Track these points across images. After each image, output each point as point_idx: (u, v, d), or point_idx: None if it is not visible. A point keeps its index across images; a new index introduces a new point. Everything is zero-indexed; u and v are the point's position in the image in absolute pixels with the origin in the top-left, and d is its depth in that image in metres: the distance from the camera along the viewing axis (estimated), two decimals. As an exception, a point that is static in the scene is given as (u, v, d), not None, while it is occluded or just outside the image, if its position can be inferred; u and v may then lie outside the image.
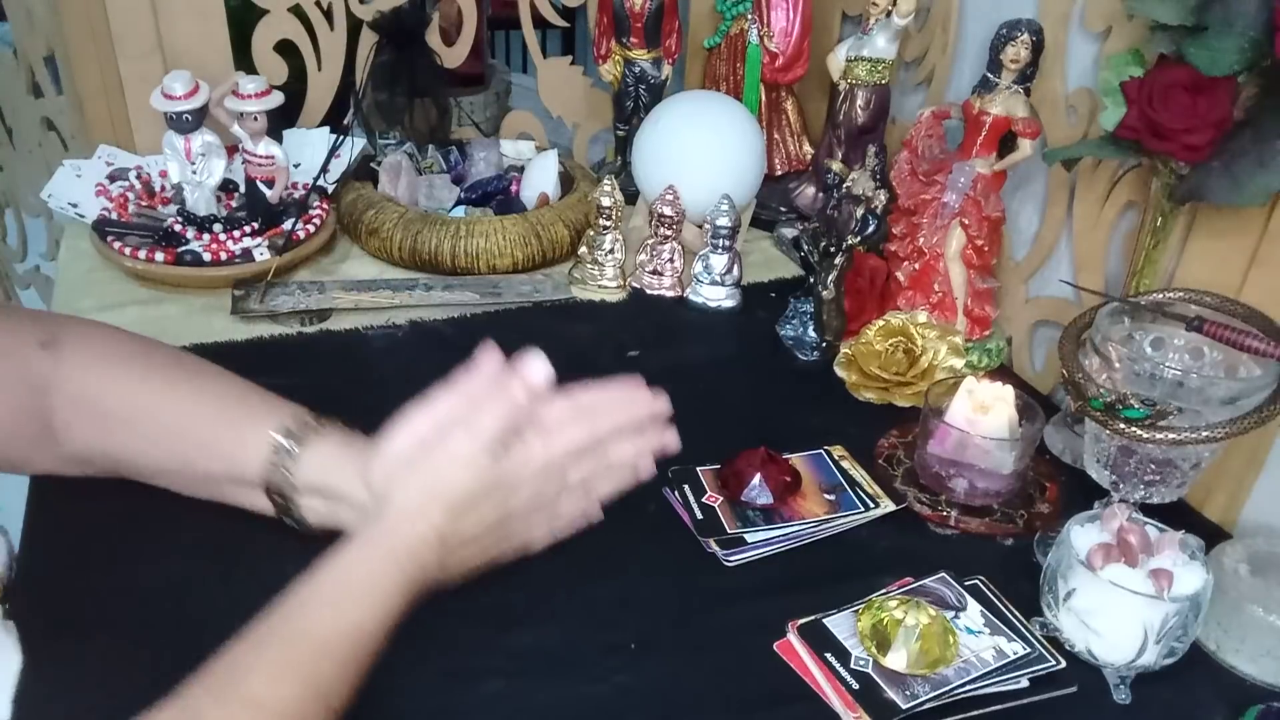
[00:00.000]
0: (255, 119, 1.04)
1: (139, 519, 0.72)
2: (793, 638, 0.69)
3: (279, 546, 0.71)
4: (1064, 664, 0.67)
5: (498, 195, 1.20)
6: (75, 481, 0.73)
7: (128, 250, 1.00)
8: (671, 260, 1.10)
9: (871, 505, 0.81)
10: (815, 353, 1.01)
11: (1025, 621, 0.70)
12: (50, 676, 0.60)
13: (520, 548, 0.66)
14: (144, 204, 1.10)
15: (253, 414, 0.68)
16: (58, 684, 0.60)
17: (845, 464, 0.86)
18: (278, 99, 1.06)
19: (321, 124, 1.25)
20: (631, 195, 1.20)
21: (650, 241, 1.11)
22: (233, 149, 1.08)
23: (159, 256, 1.00)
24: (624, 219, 1.11)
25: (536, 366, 0.63)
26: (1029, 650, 0.68)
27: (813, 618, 0.70)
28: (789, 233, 1.21)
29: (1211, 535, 0.79)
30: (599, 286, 1.10)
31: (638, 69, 1.22)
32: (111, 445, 0.70)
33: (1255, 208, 0.77)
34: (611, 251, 1.09)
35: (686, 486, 0.81)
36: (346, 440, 0.68)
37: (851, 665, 0.66)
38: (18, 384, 0.67)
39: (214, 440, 0.68)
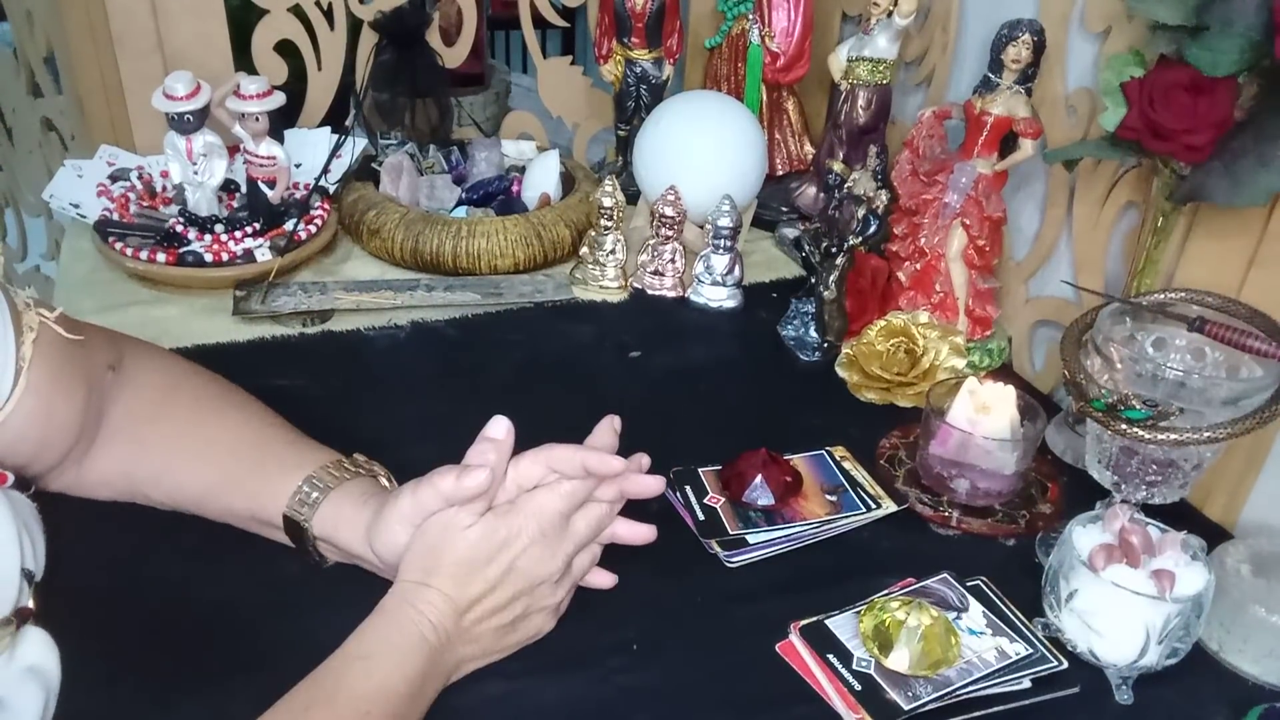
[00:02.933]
0: (257, 119, 1.04)
1: (142, 516, 0.73)
2: (795, 639, 0.69)
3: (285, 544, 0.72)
4: (1066, 665, 0.68)
5: (499, 195, 1.20)
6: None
7: (129, 251, 1.00)
8: (673, 260, 1.10)
9: (873, 506, 0.81)
10: (817, 353, 1.02)
11: (1027, 622, 0.70)
12: (78, 677, 0.60)
13: (554, 610, 0.67)
14: (145, 204, 1.09)
15: (284, 464, 0.70)
16: (85, 683, 0.60)
17: (847, 464, 0.86)
18: (279, 99, 1.06)
19: (322, 124, 1.26)
20: (633, 195, 1.20)
21: (652, 242, 1.11)
22: (234, 149, 1.08)
23: (160, 257, 1.00)
24: (625, 219, 1.11)
25: (497, 423, 0.65)
26: (1031, 651, 0.68)
27: (815, 619, 0.70)
28: (790, 233, 1.21)
29: (1213, 535, 0.79)
30: (600, 287, 1.10)
31: (639, 69, 1.22)
32: (144, 467, 0.71)
33: (1255, 208, 0.77)
34: (613, 252, 1.09)
35: (688, 487, 0.81)
36: (363, 498, 0.68)
37: (854, 666, 0.66)
38: (88, 407, 0.69)
39: (243, 481, 0.70)
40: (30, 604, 0.59)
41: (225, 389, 0.76)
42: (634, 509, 0.80)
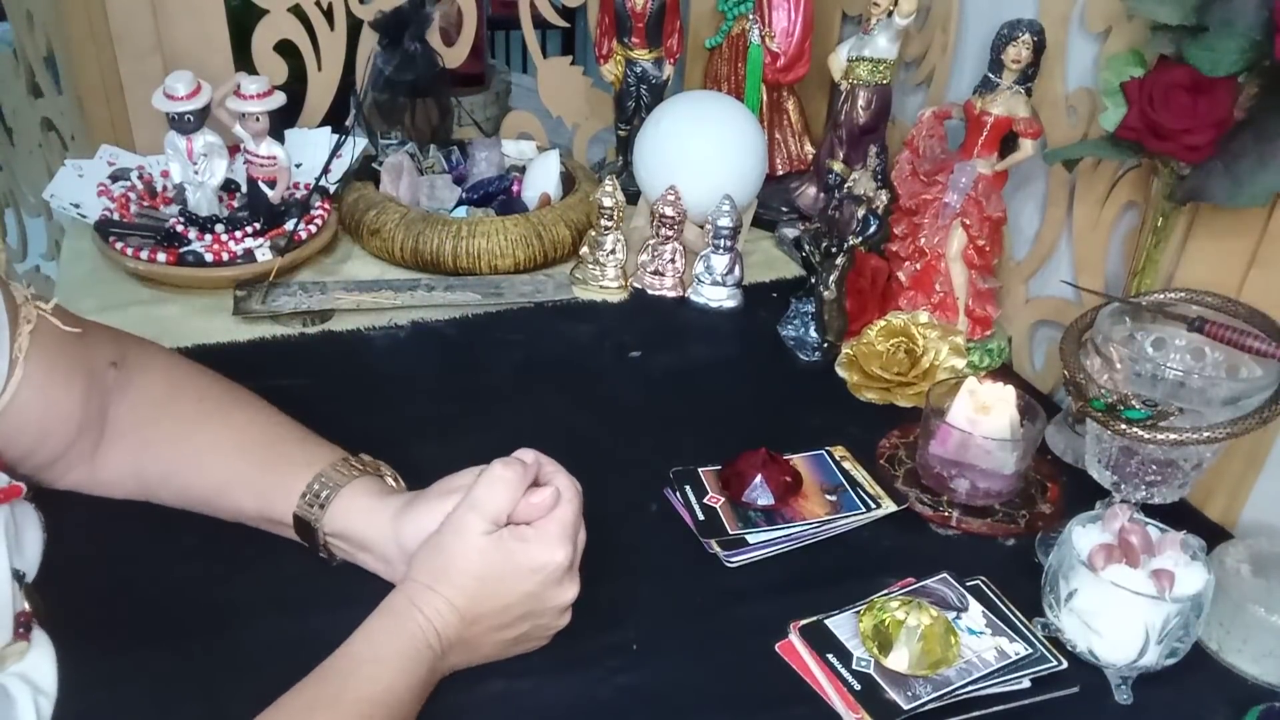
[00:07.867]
0: (257, 119, 1.04)
1: (143, 516, 0.73)
2: (794, 638, 0.69)
3: (285, 543, 0.72)
4: (1066, 664, 0.68)
5: (499, 195, 1.20)
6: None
7: (130, 251, 1.00)
8: (673, 260, 1.10)
9: (873, 506, 0.81)
10: (817, 353, 1.02)
11: (1027, 622, 0.70)
12: (78, 677, 0.60)
13: (562, 614, 0.66)
14: (146, 204, 1.10)
15: (293, 462, 0.70)
16: (85, 683, 0.60)
17: (846, 464, 0.86)
18: (280, 99, 1.06)
19: (322, 124, 1.26)
20: (633, 195, 1.20)
21: (652, 242, 1.11)
22: (234, 149, 1.08)
23: (161, 257, 1.00)
24: (625, 219, 1.11)
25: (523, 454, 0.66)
26: (1031, 651, 0.68)
27: (814, 618, 0.70)
28: (790, 233, 1.21)
29: (1213, 535, 0.79)
30: (600, 287, 1.10)
31: (639, 69, 1.22)
32: (152, 468, 0.72)
33: (1255, 208, 0.77)
34: (613, 252, 1.09)
35: (688, 487, 0.81)
36: (378, 493, 0.69)
37: (853, 666, 0.66)
38: (89, 399, 0.69)
39: (251, 480, 0.70)
40: (26, 605, 0.59)
41: (229, 388, 0.76)
42: (633, 509, 0.80)
